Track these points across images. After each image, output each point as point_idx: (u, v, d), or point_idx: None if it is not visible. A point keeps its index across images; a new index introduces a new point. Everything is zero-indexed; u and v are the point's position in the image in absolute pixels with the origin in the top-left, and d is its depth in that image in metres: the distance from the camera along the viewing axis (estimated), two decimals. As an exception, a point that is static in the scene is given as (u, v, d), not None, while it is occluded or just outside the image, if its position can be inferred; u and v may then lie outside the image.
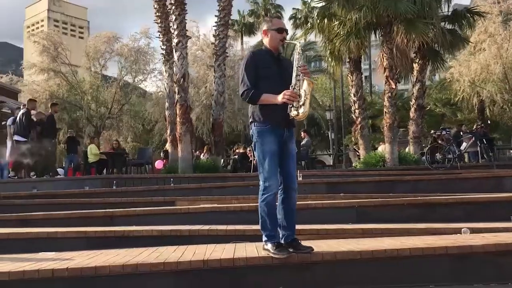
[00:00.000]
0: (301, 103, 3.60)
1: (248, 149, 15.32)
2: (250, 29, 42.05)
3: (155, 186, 8.78)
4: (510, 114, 23.76)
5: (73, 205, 7.08)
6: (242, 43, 40.32)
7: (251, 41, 39.94)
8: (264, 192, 3.74)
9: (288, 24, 41.93)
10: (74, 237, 4.73)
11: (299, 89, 3.63)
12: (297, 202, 6.10)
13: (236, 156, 15.57)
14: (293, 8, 42.69)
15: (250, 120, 3.84)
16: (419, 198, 6.06)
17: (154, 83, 26.08)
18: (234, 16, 45.42)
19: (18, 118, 10.87)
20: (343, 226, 5.26)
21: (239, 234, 4.92)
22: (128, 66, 25.24)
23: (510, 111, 23.17)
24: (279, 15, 39.67)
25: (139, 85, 26.35)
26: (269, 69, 3.75)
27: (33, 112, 11.31)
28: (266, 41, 3.90)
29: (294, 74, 3.69)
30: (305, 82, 3.62)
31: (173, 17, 12.14)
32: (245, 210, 5.99)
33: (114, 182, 9.77)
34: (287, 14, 40.77)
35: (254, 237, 4.79)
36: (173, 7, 12.09)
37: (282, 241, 3.79)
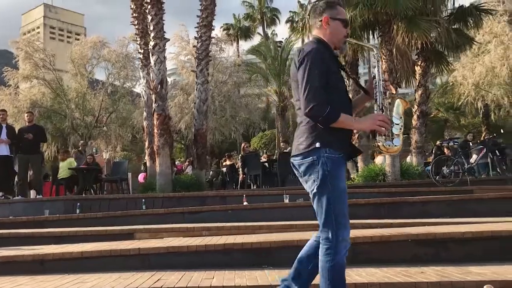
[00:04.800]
0: (396, 132, 2.66)
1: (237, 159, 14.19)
2: (246, 33, 41.07)
3: (118, 212, 7.59)
4: (513, 118, 22.76)
5: (11, 240, 5.91)
6: (238, 47, 39.31)
7: (246, 45, 38.92)
8: (337, 251, 2.60)
9: (284, 28, 40.87)
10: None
11: (388, 112, 2.71)
12: (276, 237, 4.90)
13: (224, 169, 14.37)
14: (290, 11, 41.77)
15: (308, 143, 2.63)
16: (426, 232, 4.86)
17: (143, 90, 24.99)
18: (229, 19, 44.49)
19: None
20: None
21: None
22: (115, 73, 24.12)
23: (515, 115, 22.13)
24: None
25: (128, 92, 25.23)
26: (338, 75, 2.67)
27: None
28: (322, 33, 2.73)
29: (379, 90, 2.71)
30: (400, 103, 2.70)
31: (149, 17, 11.00)
32: (211, 250, 4.80)
33: (78, 204, 8.59)
34: (283, 17, 39.81)
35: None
36: (149, 6, 10.95)
37: None
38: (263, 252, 4.90)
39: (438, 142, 12.33)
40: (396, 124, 2.68)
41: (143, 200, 8.75)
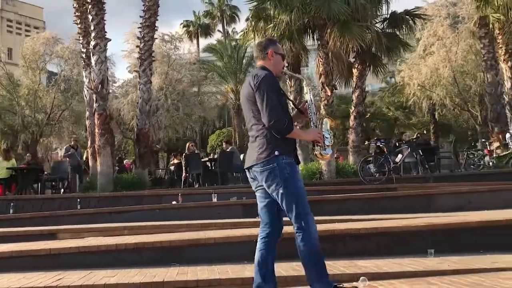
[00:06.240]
0: (327, 143, 3.35)
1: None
2: (205, 31, 41.00)
3: (46, 212, 7.68)
4: (464, 117, 23.66)
5: None
6: (198, 44, 39.20)
7: (206, 43, 38.82)
8: (310, 236, 3.21)
9: (244, 26, 40.90)
10: None
11: (320, 128, 3.39)
12: (189, 236, 5.14)
13: (172, 168, 14.51)
14: (249, 9, 41.92)
15: (268, 152, 3.16)
16: (325, 229, 5.22)
17: (85, 89, 24.72)
18: (190, 17, 44.23)
19: None
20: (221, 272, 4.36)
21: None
22: (68, 69, 23.72)
23: (463, 114, 23.03)
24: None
25: (82, 89, 24.85)
26: (284, 97, 3.33)
27: None
28: (267, 64, 3.34)
29: (312, 111, 3.38)
30: (327, 121, 3.43)
31: (90, 17, 11.03)
32: (121, 250, 5.01)
33: (12, 204, 8.60)
34: (243, 15, 39.82)
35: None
36: (90, 6, 10.98)
37: None
38: (174, 250, 5.15)
39: (366, 142, 12.89)
40: (326, 137, 3.34)
41: (78, 200, 8.84)
